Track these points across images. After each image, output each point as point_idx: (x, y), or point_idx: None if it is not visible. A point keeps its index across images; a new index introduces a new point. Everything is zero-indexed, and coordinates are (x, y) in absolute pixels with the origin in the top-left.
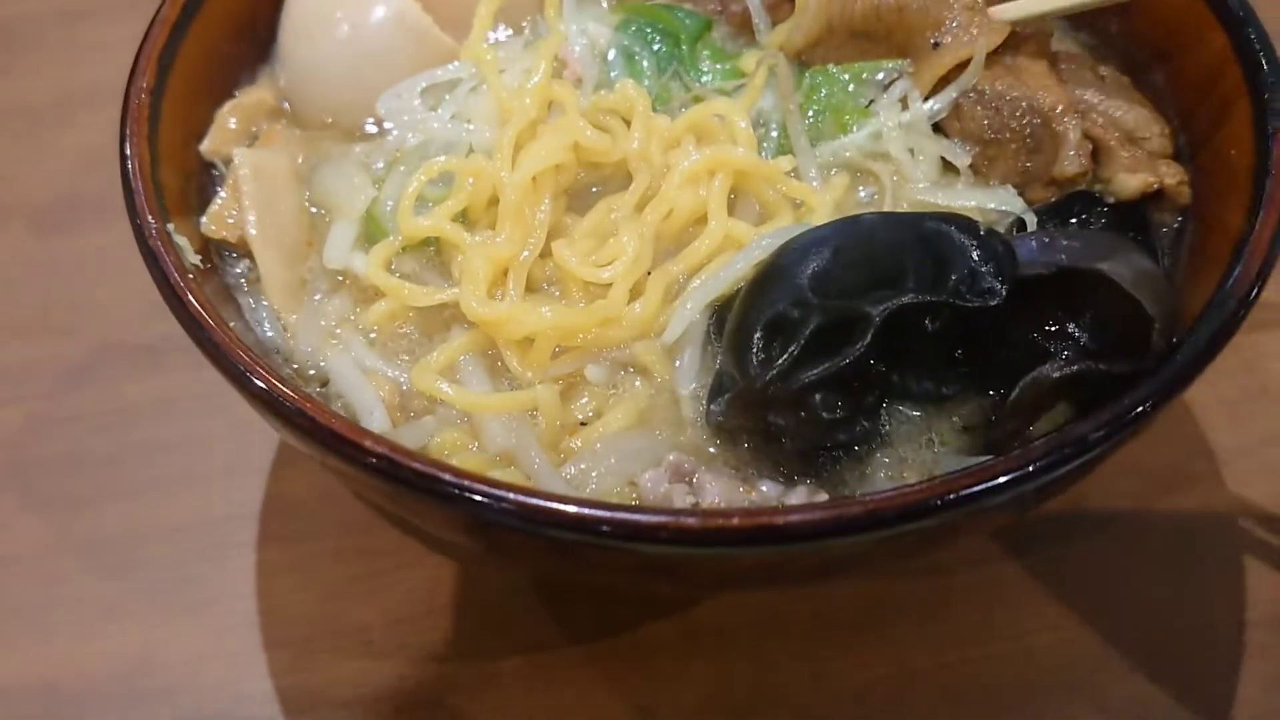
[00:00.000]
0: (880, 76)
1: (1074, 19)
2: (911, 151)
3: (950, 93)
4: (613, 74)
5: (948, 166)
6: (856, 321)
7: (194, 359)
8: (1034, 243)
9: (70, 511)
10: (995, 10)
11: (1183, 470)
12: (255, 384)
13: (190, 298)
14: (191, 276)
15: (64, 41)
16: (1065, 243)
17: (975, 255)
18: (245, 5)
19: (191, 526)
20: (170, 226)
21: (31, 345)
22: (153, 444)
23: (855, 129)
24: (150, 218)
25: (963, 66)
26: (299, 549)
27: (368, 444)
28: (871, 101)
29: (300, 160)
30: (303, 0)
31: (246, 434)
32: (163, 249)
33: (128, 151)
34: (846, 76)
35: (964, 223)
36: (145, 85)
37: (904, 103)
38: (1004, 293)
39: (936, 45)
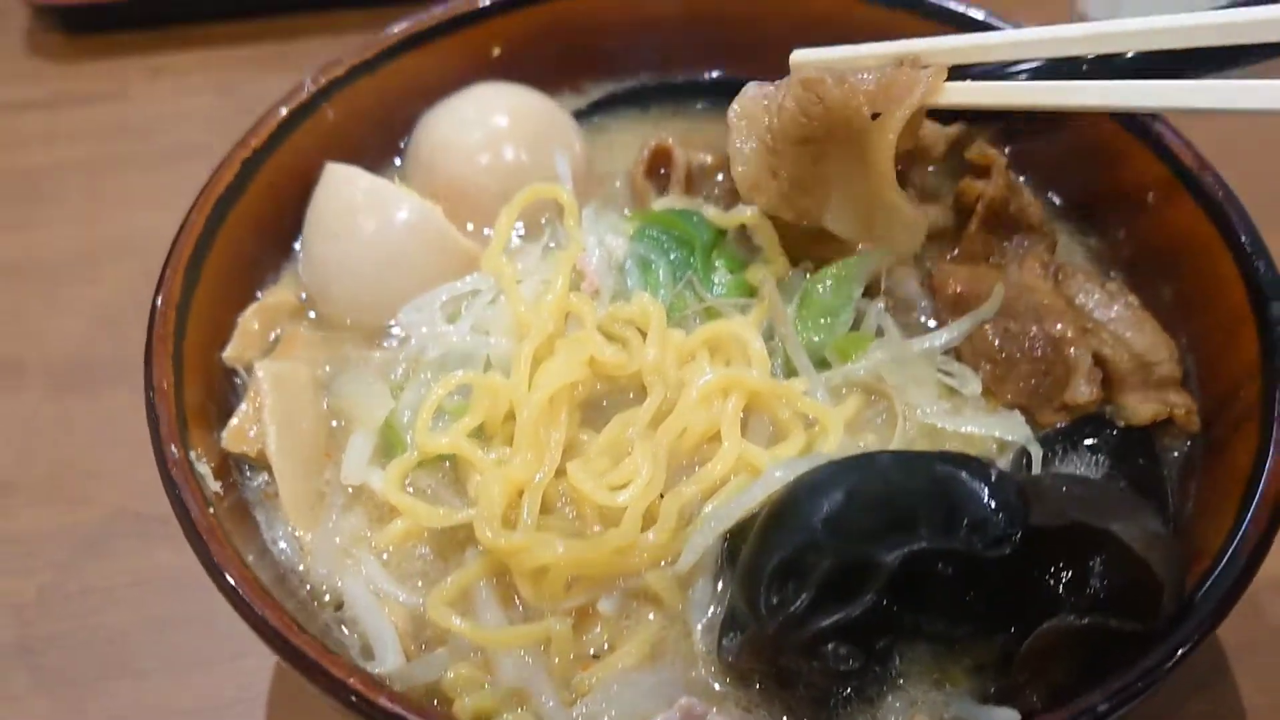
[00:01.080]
0: (845, 272)
1: (1080, 225)
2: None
3: (964, 324)
4: (629, 282)
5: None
6: (869, 567)
7: None
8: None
9: (81, 689)
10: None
11: (1193, 671)
12: (275, 634)
13: (210, 539)
14: (212, 511)
15: (86, 194)
16: (1078, 493)
17: (988, 502)
18: (271, 206)
19: (201, 710)
20: (192, 455)
21: (45, 514)
22: (164, 620)
23: (857, 359)
24: (173, 447)
25: (970, 290)
26: None
27: (382, 702)
28: (861, 317)
29: (322, 367)
30: (326, 200)
31: None
32: (184, 480)
33: (153, 376)
34: (830, 281)
35: (976, 466)
36: (171, 300)
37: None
38: (1015, 541)
39: (875, 116)
